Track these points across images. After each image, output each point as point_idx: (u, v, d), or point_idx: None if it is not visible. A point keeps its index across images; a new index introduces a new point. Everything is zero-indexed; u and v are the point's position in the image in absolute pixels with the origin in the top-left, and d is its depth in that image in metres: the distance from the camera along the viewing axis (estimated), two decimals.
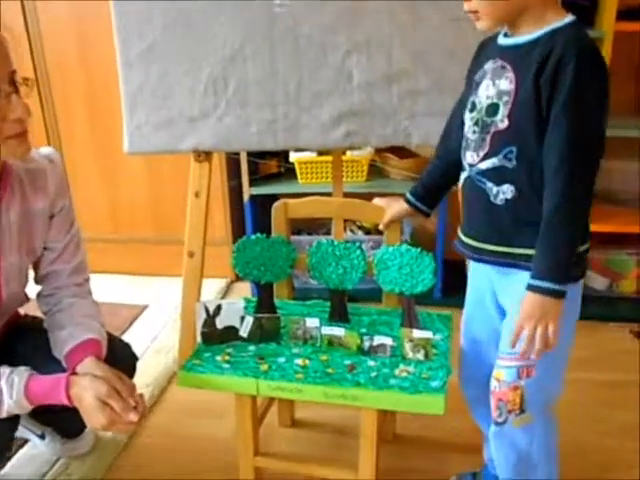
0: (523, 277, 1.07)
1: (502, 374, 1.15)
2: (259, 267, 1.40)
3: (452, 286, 2.23)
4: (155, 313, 2.30)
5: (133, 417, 1.07)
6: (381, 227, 1.39)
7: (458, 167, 1.20)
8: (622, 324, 2.05)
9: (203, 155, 1.73)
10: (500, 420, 1.16)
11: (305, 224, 2.41)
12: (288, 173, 2.31)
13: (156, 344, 2.09)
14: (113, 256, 2.59)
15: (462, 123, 1.16)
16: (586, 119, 0.98)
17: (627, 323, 2.06)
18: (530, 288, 1.03)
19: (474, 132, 1.10)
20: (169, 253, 2.39)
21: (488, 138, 1.07)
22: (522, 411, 1.14)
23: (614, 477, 1.46)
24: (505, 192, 1.07)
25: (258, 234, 1.39)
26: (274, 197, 1.51)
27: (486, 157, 1.08)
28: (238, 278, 2.56)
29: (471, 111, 1.12)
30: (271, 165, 2.28)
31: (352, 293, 1.42)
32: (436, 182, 1.30)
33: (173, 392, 1.84)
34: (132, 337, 2.11)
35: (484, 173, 1.09)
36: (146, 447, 1.64)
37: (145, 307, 2.34)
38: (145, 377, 1.88)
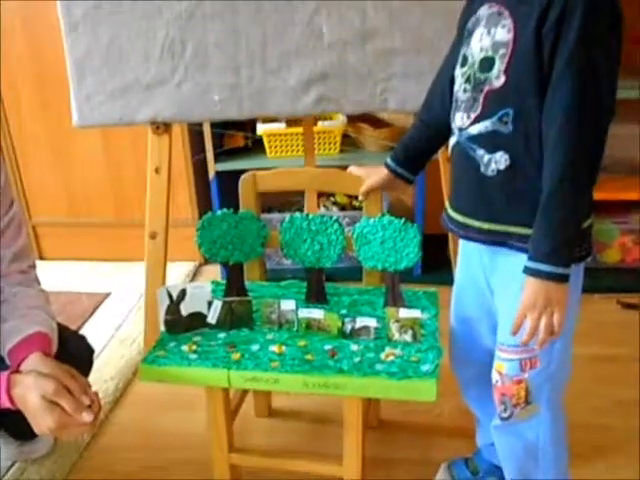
0: (515, 258, 0.97)
1: (504, 367, 1.05)
2: (227, 246, 1.27)
3: (432, 263, 2.13)
4: (118, 301, 2.15)
5: (87, 417, 0.94)
6: (360, 197, 1.27)
7: (443, 131, 1.08)
8: (608, 295, 1.98)
9: (162, 127, 1.59)
10: (505, 415, 1.07)
11: (275, 201, 2.28)
12: (256, 147, 2.17)
13: (120, 334, 1.96)
14: (70, 241, 2.43)
15: (452, 80, 1.04)
16: (595, 75, 0.86)
17: (613, 294, 1.99)
18: (530, 272, 0.92)
19: (465, 90, 0.98)
20: (131, 237, 2.24)
21: (481, 98, 0.95)
22: (528, 403, 1.05)
23: (612, 455, 1.39)
24: (498, 161, 0.95)
25: (225, 209, 1.26)
26: (241, 173, 1.36)
27: (478, 120, 0.96)
28: (207, 261, 2.43)
29: (462, 66, 0.99)
30: (237, 138, 2.13)
31: (329, 273, 1.30)
32: (419, 147, 1.18)
33: (139, 385, 1.71)
34: (94, 327, 1.99)
35: (475, 138, 0.97)
36: (111, 445, 1.51)
37: (107, 295, 2.19)
38: (109, 369, 1.77)
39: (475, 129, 0.97)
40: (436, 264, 2.11)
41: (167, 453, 1.46)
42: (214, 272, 2.29)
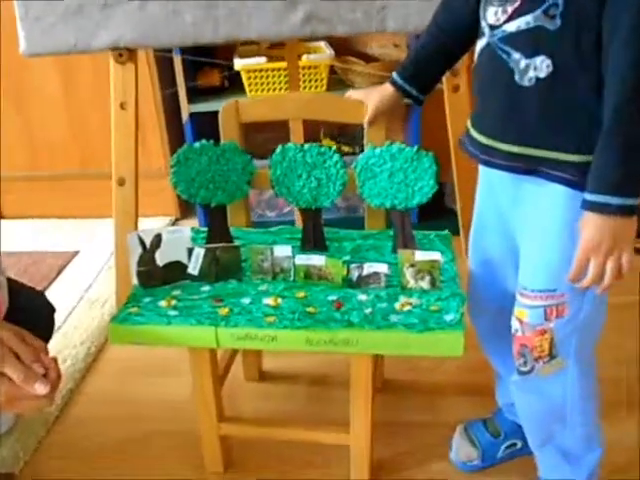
0: (544, 189, 0.82)
1: (525, 314, 0.89)
2: (207, 185, 1.08)
3: (429, 209, 1.96)
4: (87, 259, 1.96)
5: (40, 388, 0.77)
6: (365, 124, 1.08)
7: (464, 37, 0.91)
8: None
9: (125, 54, 1.37)
10: (525, 369, 0.92)
11: (258, 147, 2.08)
12: (233, 86, 1.97)
13: (90, 294, 1.77)
14: (33, 197, 2.21)
15: None
16: None
17: None
18: (593, 207, 0.75)
19: None
20: (100, 189, 2.00)
21: None
22: (552, 357, 0.90)
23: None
24: (538, 67, 0.77)
25: (204, 141, 1.07)
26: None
27: (517, 14, 0.78)
28: (184, 215, 2.24)
29: None
30: (212, 76, 1.92)
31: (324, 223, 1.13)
32: (433, 59, 0.99)
33: (113, 349, 1.53)
34: (61, 288, 1.81)
35: (511, 38, 0.79)
36: (83, 418, 1.33)
37: (75, 253, 2.00)
38: (79, 333, 1.60)
39: (512, 26, 0.78)
40: (434, 212, 1.95)
41: (147, 425, 1.29)
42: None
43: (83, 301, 1.74)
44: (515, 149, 0.83)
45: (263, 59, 1.87)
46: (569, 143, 0.79)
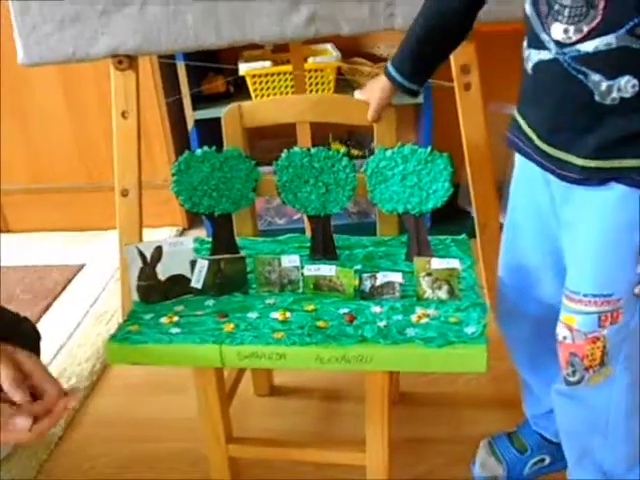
0: (605, 190, 0.76)
1: (576, 321, 0.83)
2: (210, 193, 1.03)
3: (442, 211, 1.91)
4: (93, 273, 1.92)
5: (22, 423, 0.66)
6: (369, 118, 1.03)
7: (465, 21, 0.89)
8: None
9: (125, 61, 1.32)
10: (573, 379, 0.86)
11: (264, 153, 2.03)
12: (239, 92, 1.92)
13: (96, 309, 1.73)
14: (36, 210, 2.17)
15: None
16: None
17: None
18: None
19: None
20: (105, 202, 1.97)
21: (600, 1, 0.68)
22: (602, 365, 0.84)
23: None
24: (622, 88, 0.70)
25: (206, 148, 1.02)
26: None
27: (595, 34, 0.69)
28: (191, 225, 2.19)
29: None
30: (217, 82, 1.88)
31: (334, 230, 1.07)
32: (430, 52, 0.95)
33: (119, 366, 1.48)
34: (66, 303, 1.77)
35: (588, 59, 0.71)
36: (88, 438, 1.29)
37: (81, 267, 1.96)
38: (84, 350, 1.55)
39: (589, 46, 0.70)
40: (447, 215, 1.89)
41: (154, 446, 1.24)
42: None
43: (88, 316, 1.69)
44: (592, 163, 0.76)
45: (268, 63, 1.82)
46: None
